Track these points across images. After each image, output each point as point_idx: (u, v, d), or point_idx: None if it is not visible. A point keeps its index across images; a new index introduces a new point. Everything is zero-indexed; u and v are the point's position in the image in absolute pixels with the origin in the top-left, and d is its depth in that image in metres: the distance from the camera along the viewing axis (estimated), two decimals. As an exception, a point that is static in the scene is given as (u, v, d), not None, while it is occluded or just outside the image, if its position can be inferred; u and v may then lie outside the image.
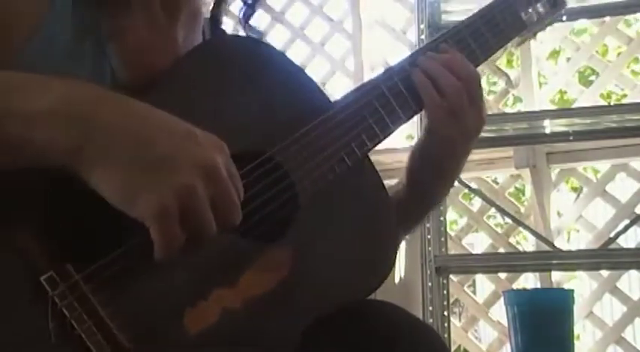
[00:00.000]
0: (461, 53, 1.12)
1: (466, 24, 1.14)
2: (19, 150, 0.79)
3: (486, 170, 3.11)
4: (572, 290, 2.32)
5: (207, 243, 0.82)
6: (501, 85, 3.22)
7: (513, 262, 2.86)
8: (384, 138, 1.06)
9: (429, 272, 2.57)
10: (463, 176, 2.87)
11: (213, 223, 0.82)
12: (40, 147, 0.79)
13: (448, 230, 2.78)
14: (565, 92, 3.96)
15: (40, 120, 0.78)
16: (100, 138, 0.79)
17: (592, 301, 2.94)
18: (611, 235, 2.79)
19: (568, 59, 3.53)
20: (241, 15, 1.13)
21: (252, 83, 1.00)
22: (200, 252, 0.84)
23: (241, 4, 1.14)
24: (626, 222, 2.82)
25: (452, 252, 2.97)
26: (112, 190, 0.79)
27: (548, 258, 2.71)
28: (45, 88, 0.80)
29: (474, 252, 3.67)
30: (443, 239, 2.64)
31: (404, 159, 1.17)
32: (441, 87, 1.08)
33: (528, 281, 3.32)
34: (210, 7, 1.13)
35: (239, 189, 0.84)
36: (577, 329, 2.65)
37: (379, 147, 1.05)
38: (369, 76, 1.07)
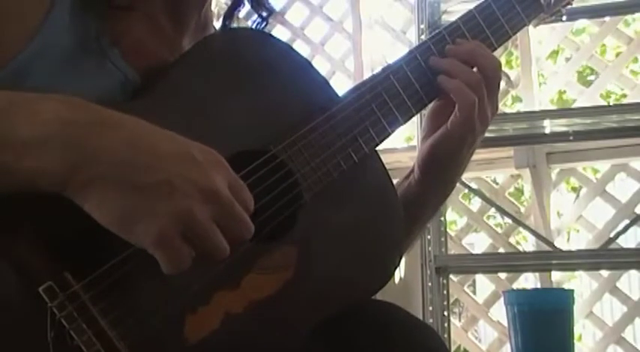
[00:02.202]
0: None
1: (478, 10, 1.11)
2: (8, 177, 0.77)
3: (486, 170, 3.11)
4: (572, 290, 2.32)
5: (225, 258, 0.82)
6: (501, 84, 3.22)
7: (513, 262, 2.86)
8: (393, 132, 1.04)
9: (429, 272, 2.58)
10: (463, 176, 2.86)
11: (222, 242, 0.81)
12: (30, 173, 0.77)
13: (448, 230, 2.79)
14: (564, 92, 3.96)
15: (28, 148, 0.76)
16: (91, 166, 0.77)
17: (592, 301, 2.95)
18: (611, 235, 2.79)
19: (567, 59, 3.53)
20: (254, 26, 1.12)
21: (258, 79, 0.98)
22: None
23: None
24: (626, 222, 2.82)
25: (452, 252, 2.97)
26: (108, 218, 0.78)
27: (548, 258, 2.71)
28: (33, 112, 0.78)
29: (474, 252, 3.67)
30: (443, 239, 2.64)
31: (404, 159, 1.16)
32: (469, 83, 1.06)
33: (528, 281, 3.32)
34: (221, 18, 1.12)
35: (246, 200, 0.83)
36: (577, 329, 2.65)
37: (379, 147, 1.04)
38: (368, 75, 1.05)
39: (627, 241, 3.15)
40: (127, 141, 0.79)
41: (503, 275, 3.12)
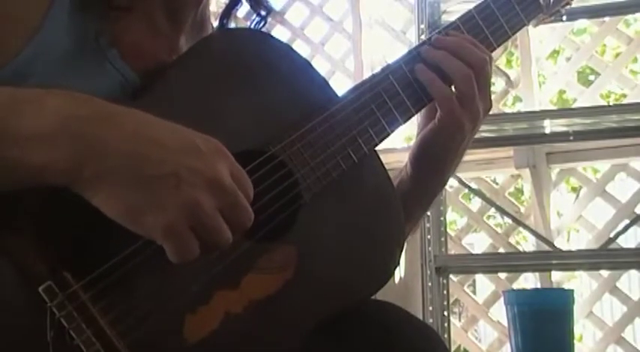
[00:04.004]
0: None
1: (478, 10, 1.11)
2: (15, 173, 0.77)
3: (486, 170, 3.11)
4: (572, 290, 2.32)
5: (226, 248, 0.83)
6: (501, 84, 3.23)
7: (513, 262, 2.86)
8: (392, 131, 1.04)
9: (429, 272, 2.57)
10: (463, 176, 2.87)
11: (227, 232, 0.82)
12: (37, 169, 0.77)
13: (448, 230, 2.79)
14: (564, 92, 3.96)
15: (35, 143, 0.77)
16: (99, 159, 0.78)
17: (592, 301, 2.94)
18: (611, 235, 2.79)
19: (568, 59, 3.53)
20: (252, 26, 1.12)
21: (258, 79, 0.99)
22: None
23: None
24: (626, 222, 2.82)
25: (452, 252, 2.97)
26: (117, 211, 0.79)
27: (548, 258, 2.71)
28: (39, 107, 0.78)
29: (474, 252, 3.67)
30: (443, 239, 2.64)
31: (404, 159, 1.15)
32: (449, 76, 1.05)
33: (528, 281, 3.32)
34: (219, 16, 1.12)
35: (247, 189, 0.84)
36: (577, 329, 2.65)
37: (378, 147, 1.04)
38: (368, 75, 1.06)
39: (627, 241, 3.15)
40: (133, 135, 0.80)
41: (503, 275, 3.12)
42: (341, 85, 3.54)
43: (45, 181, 0.78)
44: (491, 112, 1.12)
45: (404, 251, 1.04)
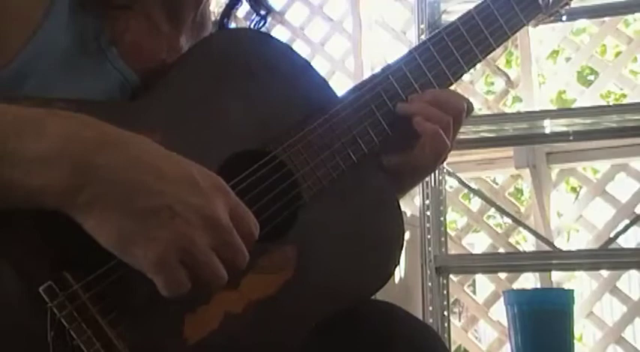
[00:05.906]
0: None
1: (477, 10, 1.12)
2: (12, 193, 0.77)
3: (486, 170, 3.11)
4: (572, 290, 2.32)
5: (223, 285, 0.82)
6: (501, 84, 3.23)
7: (513, 262, 2.86)
8: (392, 132, 1.04)
9: (429, 272, 2.57)
10: (463, 176, 2.88)
11: (221, 270, 0.81)
12: (33, 191, 0.77)
13: (448, 230, 2.78)
14: (564, 92, 3.96)
15: (35, 165, 0.77)
16: (95, 185, 0.78)
17: (592, 301, 2.95)
18: (611, 235, 2.79)
19: (567, 59, 3.53)
20: (252, 25, 1.12)
21: (258, 79, 0.98)
22: None
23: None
24: (626, 222, 2.82)
25: (452, 252, 2.97)
26: (108, 238, 0.78)
27: (548, 258, 2.71)
28: (40, 129, 0.78)
29: (474, 252, 3.67)
30: (443, 239, 2.64)
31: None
32: (441, 126, 1.05)
33: (528, 281, 3.32)
34: (219, 16, 1.12)
35: (249, 226, 0.84)
36: (577, 329, 2.65)
37: (378, 147, 1.04)
38: (368, 76, 1.06)
39: (627, 241, 3.15)
40: (131, 162, 0.80)
41: (503, 275, 3.12)
42: (341, 85, 3.54)
43: (40, 203, 0.78)
44: (491, 112, 1.13)
45: (404, 251, 1.04)
